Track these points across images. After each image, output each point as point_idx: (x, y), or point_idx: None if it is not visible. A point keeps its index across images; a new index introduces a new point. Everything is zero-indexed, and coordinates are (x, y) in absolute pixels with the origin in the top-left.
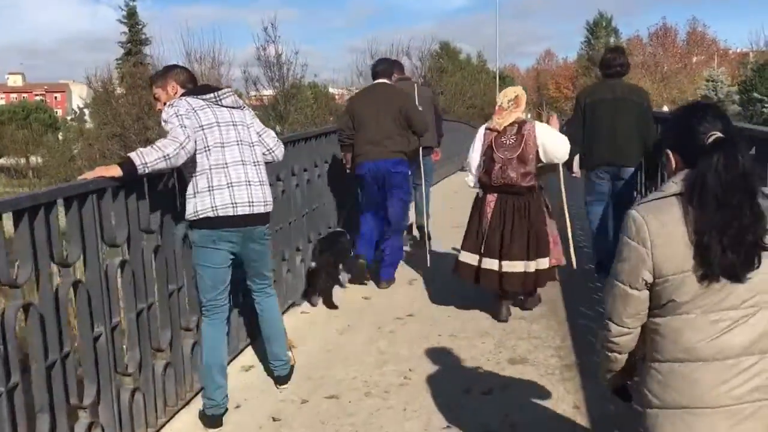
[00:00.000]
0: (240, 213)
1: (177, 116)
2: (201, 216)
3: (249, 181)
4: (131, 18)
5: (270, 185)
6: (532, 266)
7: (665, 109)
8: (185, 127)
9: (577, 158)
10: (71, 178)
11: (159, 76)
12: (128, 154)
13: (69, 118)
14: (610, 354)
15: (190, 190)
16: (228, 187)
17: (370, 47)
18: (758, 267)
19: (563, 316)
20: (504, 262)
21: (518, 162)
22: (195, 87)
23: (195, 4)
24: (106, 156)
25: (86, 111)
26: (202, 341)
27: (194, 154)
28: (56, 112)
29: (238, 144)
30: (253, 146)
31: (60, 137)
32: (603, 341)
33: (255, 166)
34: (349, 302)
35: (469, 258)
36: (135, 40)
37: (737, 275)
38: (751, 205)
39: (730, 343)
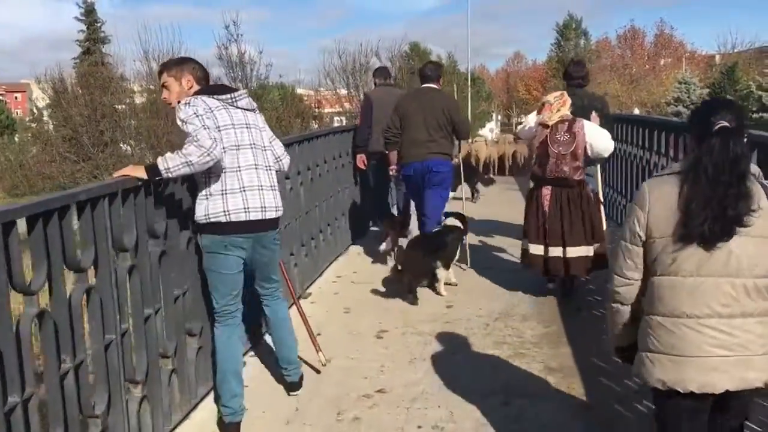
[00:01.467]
0: (252, 218)
1: (197, 116)
2: (212, 220)
3: (261, 186)
4: (89, 15)
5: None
6: (592, 250)
7: (636, 111)
8: (208, 128)
9: None
10: (20, 185)
11: (174, 64)
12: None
13: (28, 119)
14: (614, 305)
15: (202, 192)
16: (241, 191)
17: (338, 47)
18: (728, 240)
19: (580, 391)
20: (569, 248)
21: (571, 157)
22: (210, 86)
23: (164, 2)
24: (57, 162)
25: (45, 112)
26: (216, 348)
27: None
28: (17, 113)
29: (251, 147)
30: (266, 150)
31: (16, 139)
32: (610, 293)
33: (267, 170)
34: (304, 367)
35: (537, 249)
36: (93, 39)
37: (709, 242)
38: (738, 185)
39: (704, 304)
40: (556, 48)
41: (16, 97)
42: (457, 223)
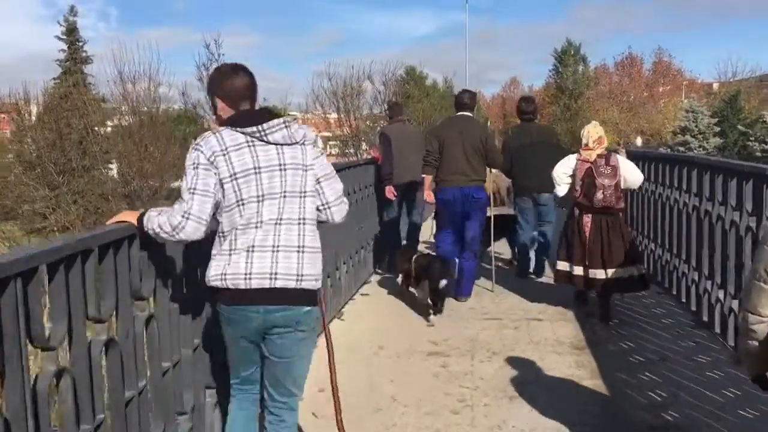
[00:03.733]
0: (254, 287)
1: (195, 167)
2: (211, 283)
3: (277, 246)
4: (71, 34)
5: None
6: (634, 271)
7: (638, 141)
8: (195, 191)
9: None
10: None
11: (210, 80)
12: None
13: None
14: (749, 342)
15: (213, 249)
16: (248, 251)
17: (328, 70)
18: None
19: None
20: (609, 270)
21: (615, 188)
22: (242, 113)
23: (161, 25)
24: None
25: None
26: (228, 425)
27: (222, 212)
28: (4, 133)
29: (281, 196)
30: (304, 197)
31: None
32: (743, 330)
33: (299, 224)
34: None
35: (578, 271)
36: (74, 58)
37: None
38: None
39: None
40: (554, 74)
41: (4, 118)
42: None
